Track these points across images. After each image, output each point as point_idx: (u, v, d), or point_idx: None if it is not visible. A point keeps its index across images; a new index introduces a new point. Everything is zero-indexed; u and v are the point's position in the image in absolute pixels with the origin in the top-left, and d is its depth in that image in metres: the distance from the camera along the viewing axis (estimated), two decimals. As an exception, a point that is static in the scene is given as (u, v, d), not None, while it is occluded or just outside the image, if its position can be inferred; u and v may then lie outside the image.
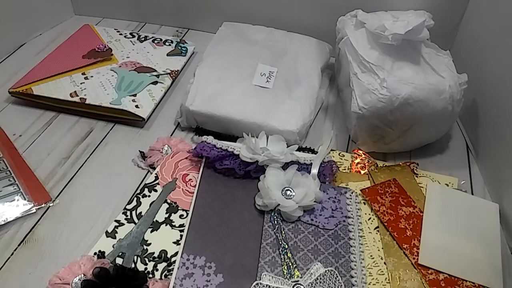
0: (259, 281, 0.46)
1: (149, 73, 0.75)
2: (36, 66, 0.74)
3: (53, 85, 0.70)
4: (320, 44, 0.78)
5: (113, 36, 0.84)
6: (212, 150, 0.57)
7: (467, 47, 0.73)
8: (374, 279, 0.48)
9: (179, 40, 0.84)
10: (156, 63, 0.77)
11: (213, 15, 0.87)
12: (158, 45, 0.82)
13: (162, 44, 0.82)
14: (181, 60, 0.80)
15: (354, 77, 0.61)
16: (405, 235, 0.52)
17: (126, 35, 0.84)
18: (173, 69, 0.76)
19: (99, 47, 0.79)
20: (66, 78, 0.72)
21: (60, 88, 0.70)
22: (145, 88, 0.71)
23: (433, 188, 0.58)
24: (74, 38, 0.83)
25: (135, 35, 0.84)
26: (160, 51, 0.81)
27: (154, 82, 0.73)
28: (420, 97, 0.58)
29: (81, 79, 0.72)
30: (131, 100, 0.69)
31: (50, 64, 0.75)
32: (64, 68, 0.73)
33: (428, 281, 0.48)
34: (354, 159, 0.62)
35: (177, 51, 0.81)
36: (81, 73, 0.73)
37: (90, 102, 0.68)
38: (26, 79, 0.71)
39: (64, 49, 0.79)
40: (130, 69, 0.75)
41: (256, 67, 0.70)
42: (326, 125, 0.71)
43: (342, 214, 0.53)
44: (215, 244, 0.49)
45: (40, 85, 0.70)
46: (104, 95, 0.69)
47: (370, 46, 0.62)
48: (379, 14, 0.66)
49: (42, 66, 0.74)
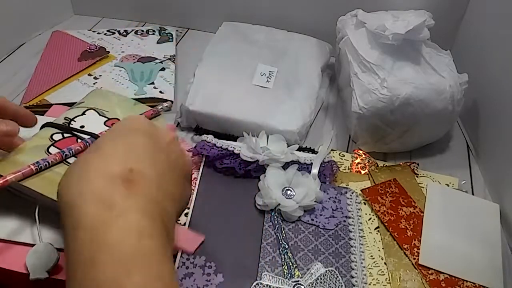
0: (259, 281, 0.45)
1: (153, 62, 0.77)
2: (32, 79, 0.72)
3: (65, 91, 0.69)
4: (320, 44, 0.77)
5: (92, 36, 0.83)
6: (212, 149, 0.57)
7: (468, 47, 0.73)
8: (375, 279, 0.48)
9: (160, 28, 0.87)
10: (152, 51, 0.79)
11: (213, 15, 0.87)
12: (143, 36, 0.84)
13: (147, 35, 0.84)
14: (171, 45, 0.82)
15: (354, 77, 0.61)
16: (405, 235, 0.52)
17: (105, 33, 0.84)
18: (170, 54, 0.79)
19: (90, 48, 0.78)
20: (75, 82, 0.71)
21: (75, 92, 0.68)
22: (157, 75, 0.74)
23: (433, 188, 0.58)
24: (53, 46, 0.80)
25: (114, 31, 0.84)
26: (149, 41, 0.82)
27: (161, 68, 0.75)
28: (420, 97, 0.58)
29: (91, 79, 0.72)
30: (152, 88, 0.71)
31: (46, 74, 0.73)
32: (67, 74, 0.72)
33: (428, 281, 0.48)
34: (354, 159, 0.62)
35: (165, 37, 0.84)
36: (87, 74, 0.73)
37: None
38: (33, 92, 0.68)
39: (51, 58, 0.77)
40: (134, 61, 0.76)
41: (256, 67, 0.70)
42: (326, 125, 0.71)
43: (342, 214, 0.53)
44: (215, 244, 0.49)
45: (52, 94, 0.68)
46: (124, 89, 0.70)
47: (371, 46, 0.62)
48: (379, 13, 0.66)
49: (38, 78, 0.72)
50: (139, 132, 0.35)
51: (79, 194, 0.29)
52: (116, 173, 0.30)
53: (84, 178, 0.30)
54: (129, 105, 0.57)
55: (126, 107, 0.56)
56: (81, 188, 0.30)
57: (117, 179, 0.30)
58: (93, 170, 0.31)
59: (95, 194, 0.29)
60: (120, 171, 0.31)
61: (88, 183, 0.30)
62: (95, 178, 0.30)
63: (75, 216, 0.29)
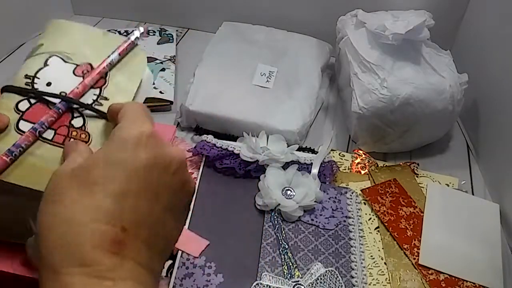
0: (259, 281, 0.45)
1: (154, 62, 0.77)
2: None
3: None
4: (320, 44, 0.77)
5: None
6: (212, 149, 0.57)
7: (468, 47, 0.73)
8: (375, 280, 0.48)
9: (160, 29, 0.87)
10: (153, 52, 0.79)
11: (213, 15, 0.87)
12: (143, 36, 0.83)
13: (147, 35, 0.84)
14: (172, 46, 0.82)
15: (354, 77, 0.61)
16: (405, 235, 0.52)
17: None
18: (171, 55, 0.80)
19: None
20: None
21: None
22: (157, 76, 0.74)
23: (433, 188, 0.58)
24: None
25: (114, 32, 0.84)
26: (150, 41, 0.82)
27: (162, 69, 0.76)
28: (420, 97, 0.58)
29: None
30: (153, 88, 0.71)
31: None
32: None
33: (428, 282, 0.48)
34: (354, 159, 0.62)
35: (165, 38, 0.84)
36: None
37: None
38: None
39: None
40: None
41: (256, 67, 0.70)
42: (326, 125, 0.71)
43: (342, 214, 0.53)
44: (215, 244, 0.49)
45: None
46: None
47: (371, 46, 0.62)
48: (379, 13, 0.66)
49: None
50: (142, 161, 0.29)
51: (62, 259, 0.26)
52: (106, 233, 0.27)
53: (69, 236, 0.26)
54: (98, 39, 0.46)
55: (95, 43, 0.45)
56: (65, 251, 0.26)
57: (106, 241, 0.26)
58: (80, 225, 0.27)
59: (81, 261, 0.26)
60: (111, 231, 0.27)
61: (73, 246, 0.26)
62: (81, 238, 0.26)
63: (58, 285, 0.26)
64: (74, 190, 0.28)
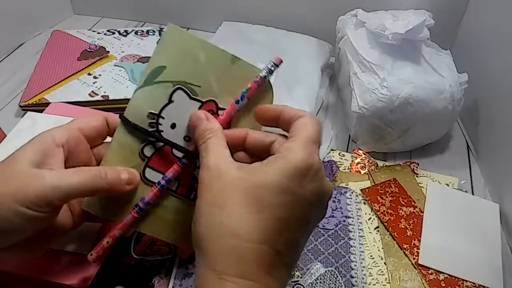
0: (258, 281, 0.45)
1: None
2: (32, 78, 0.71)
3: (64, 90, 0.69)
4: (320, 44, 0.77)
5: (92, 36, 0.83)
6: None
7: (468, 47, 0.73)
8: (374, 279, 0.48)
9: (160, 29, 0.86)
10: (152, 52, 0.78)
11: (213, 15, 0.87)
12: (143, 36, 0.83)
13: (147, 35, 0.84)
14: None
15: (354, 76, 0.61)
16: (405, 235, 0.52)
17: (105, 33, 0.84)
18: None
19: (90, 47, 0.78)
20: (75, 81, 0.71)
21: (74, 91, 0.68)
22: None
23: (433, 188, 0.58)
24: (53, 45, 0.80)
25: (114, 31, 0.84)
26: (149, 41, 0.82)
27: None
28: (420, 97, 0.58)
29: (90, 79, 0.72)
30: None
31: (46, 73, 0.73)
32: (66, 73, 0.72)
33: (428, 281, 0.48)
34: (354, 159, 0.62)
35: None
36: (86, 73, 0.73)
37: (115, 97, 0.68)
38: (32, 91, 0.68)
39: (51, 57, 0.77)
40: (134, 61, 0.76)
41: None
42: (326, 125, 0.70)
43: (342, 214, 0.53)
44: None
45: (51, 93, 0.68)
46: (124, 88, 0.69)
47: (370, 46, 0.62)
48: (379, 13, 0.66)
49: (37, 76, 0.72)
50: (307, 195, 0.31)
51: (228, 268, 0.29)
52: (268, 254, 0.29)
53: (239, 252, 0.29)
54: (226, 69, 0.40)
55: (223, 75, 0.39)
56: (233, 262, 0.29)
57: (267, 262, 0.29)
58: (248, 242, 0.29)
59: (245, 275, 0.28)
60: (271, 253, 0.29)
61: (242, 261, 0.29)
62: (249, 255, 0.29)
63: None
64: (242, 204, 0.30)
